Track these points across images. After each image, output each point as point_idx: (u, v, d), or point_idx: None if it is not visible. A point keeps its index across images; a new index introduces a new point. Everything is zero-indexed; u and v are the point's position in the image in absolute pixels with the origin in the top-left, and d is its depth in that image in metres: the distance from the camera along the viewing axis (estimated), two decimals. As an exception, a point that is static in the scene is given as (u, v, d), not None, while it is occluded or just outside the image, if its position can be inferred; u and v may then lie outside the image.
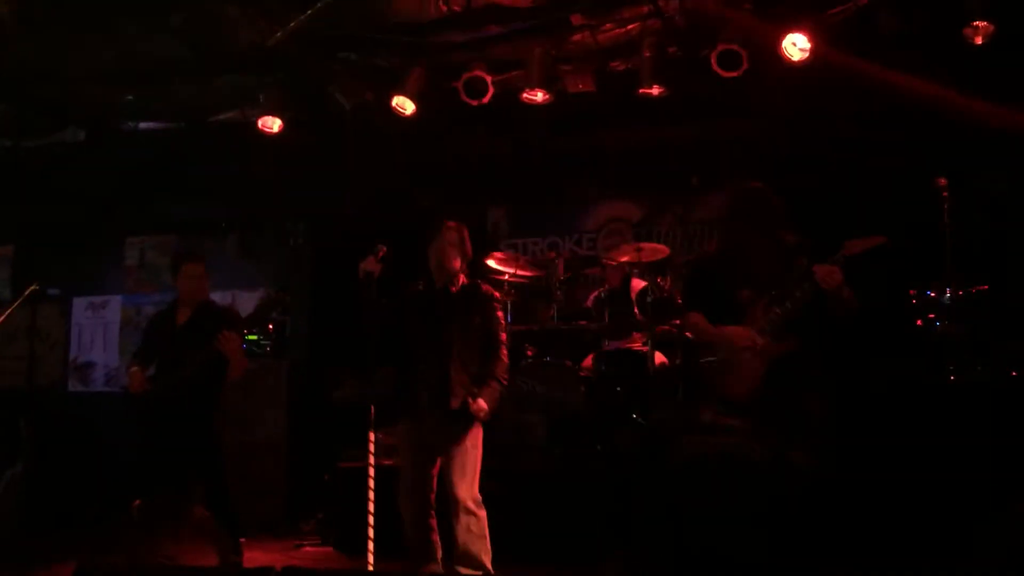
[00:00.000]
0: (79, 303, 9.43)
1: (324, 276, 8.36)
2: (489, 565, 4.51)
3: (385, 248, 4.60)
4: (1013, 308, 5.51)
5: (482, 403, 4.53)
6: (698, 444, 2.11)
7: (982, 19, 5.93)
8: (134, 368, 5.08)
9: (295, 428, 7.58)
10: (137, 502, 4.31)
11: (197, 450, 4.87)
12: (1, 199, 8.81)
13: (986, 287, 5.57)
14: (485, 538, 4.51)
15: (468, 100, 6.98)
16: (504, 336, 4.80)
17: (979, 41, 5.96)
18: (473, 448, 4.60)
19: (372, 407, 4.60)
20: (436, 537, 4.62)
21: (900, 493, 5.00)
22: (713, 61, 6.41)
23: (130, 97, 8.04)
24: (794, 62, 6.25)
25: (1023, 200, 6.38)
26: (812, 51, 6.16)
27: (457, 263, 4.69)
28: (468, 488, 4.51)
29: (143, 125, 8.62)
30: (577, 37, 6.90)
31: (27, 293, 4.91)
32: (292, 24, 6.45)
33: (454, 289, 4.69)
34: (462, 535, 4.45)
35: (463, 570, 4.47)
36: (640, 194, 8.24)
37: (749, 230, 4.31)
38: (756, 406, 4.05)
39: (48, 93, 7.80)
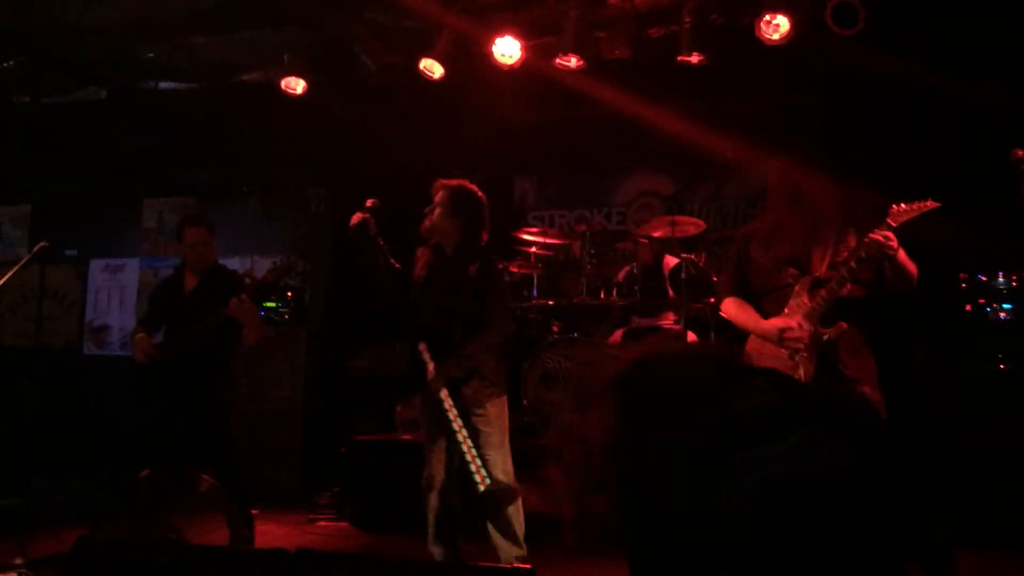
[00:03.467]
0: (96, 265, 9.30)
1: (345, 243, 8.14)
2: (522, 540, 4.27)
3: (373, 200, 4.37)
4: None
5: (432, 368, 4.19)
6: (751, 465, 1.50)
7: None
8: (140, 335, 4.89)
9: (312, 398, 7.41)
10: (144, 472, 4.12)
11: (205, 420, 4.70)
12: (19, 157, 8.64)
13: (1041, 272, 5.29)
14: (520, 511, 4.26)
15: (499, 64, 6.72)
16: (502, 313, 4.46)
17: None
18: (498, 418, 4.31)
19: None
20: (456, 517, 4.42)
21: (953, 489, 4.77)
22: (757, 28, 6.11)
23: (151, 54, 7.84)
24: (841, 31, 5.94)
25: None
26: (862, 19, 5.85)
27: (452, 225, 4.35)
28: (499, 461, 4.21)
29: (164, 84, 8.41)
30: (614, 1, 6.61)
31: (35, 250, 4.73)
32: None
33: (460, 258, 4.37)
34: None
35: (499, 541, 4.23)
36: (673, 167, 7.97)
37: (795, 205, 4.03)
38: None
39: (68, 48, 7.60)
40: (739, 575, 1.50)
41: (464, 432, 4.12)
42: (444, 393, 4.13)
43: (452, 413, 4.11)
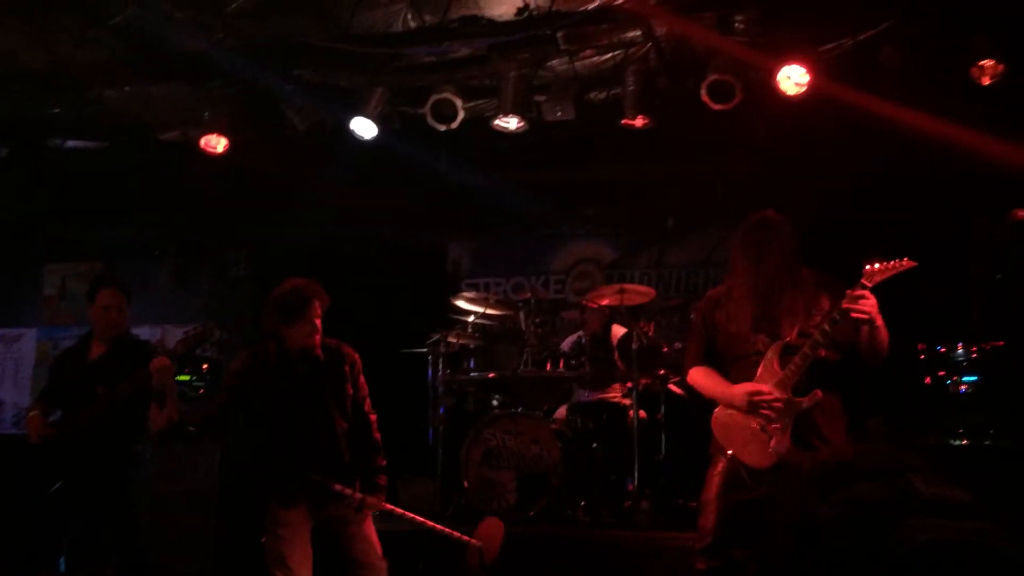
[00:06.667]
0: (-11, 335, 8.58)
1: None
2: None
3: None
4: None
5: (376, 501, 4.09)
6: (928, 529, 1.64)
7: (989, 58, 5.60)
8: (33, 412, 4.32)
9: (230, 478, 6.80)
10: (42, 574, 3.56)
11: (111, 507, 4.13)
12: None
13: (1002, 343, 5.14)
14: None
15: (435, 125, 6.43)
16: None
17: (986, 82, 5.60)
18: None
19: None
20: None
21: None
22: (703, 92, 5.97)
23: (58, 110, 7.32)
24: (789, 96, 5.84)
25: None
26: (810, 84, 5.75)
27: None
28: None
29: (71, 143, 7.87)
30: (555, 62, 6.41)
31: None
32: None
33: (320, 354, 4.06)
34: None
35: None
36: (613, 234, 7.76)
37: (764, 266, 3.77)
38: (784, 474, 3.53)
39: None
40: None
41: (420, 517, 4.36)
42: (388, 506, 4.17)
43: (406, 513, 4.26)
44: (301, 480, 3.93)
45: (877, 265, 3.58)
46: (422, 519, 4.36)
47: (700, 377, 3.83)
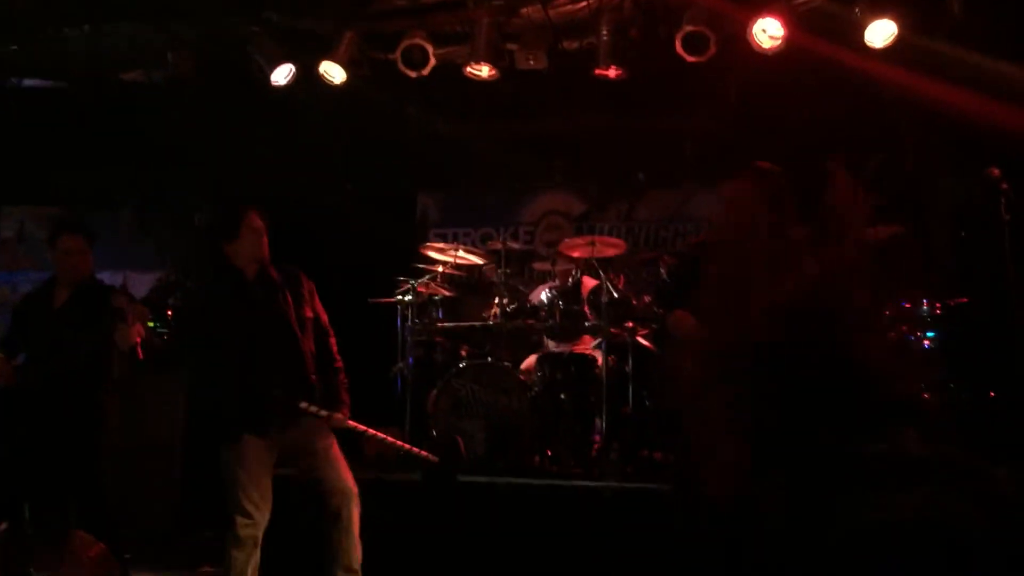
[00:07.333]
0: (-56, 279, 8.38)
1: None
2: None
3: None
4: (990, 322, 5.13)
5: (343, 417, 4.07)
6: (880, 507, 1.55)
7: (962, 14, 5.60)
8: None
9: (193, 426, 6.75)
10: (2, 524, 3.50)
11: (73, 455, 4.07)
12: None
13: (965, 300, 5.22)
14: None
15: (406, 71, 6.33)
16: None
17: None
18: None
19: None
20: None
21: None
22: (678, 43, 5.93)
23: (14, 47, 7.09)
24: (764, 50, 5.81)
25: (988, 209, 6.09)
26: (784, 39, 5.73)
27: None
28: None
29: (28, 82, 7.63)
30: (528, 9, 6.30)
31: None
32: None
33: (275, 275, 4.08)
34: (353, 532, 3.96)
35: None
36: (583, 187, 7.73)
37: (760, 219, 3.75)
38: None
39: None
40: None
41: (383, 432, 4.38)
42: (351, 423, 4.11)
43: (368, 429, 4.21)
44: (269, 401, 3.89)
45: (868, 229, 3.60)
46: (383, 435, 4.36)
47: (683, 317, 3.83)
